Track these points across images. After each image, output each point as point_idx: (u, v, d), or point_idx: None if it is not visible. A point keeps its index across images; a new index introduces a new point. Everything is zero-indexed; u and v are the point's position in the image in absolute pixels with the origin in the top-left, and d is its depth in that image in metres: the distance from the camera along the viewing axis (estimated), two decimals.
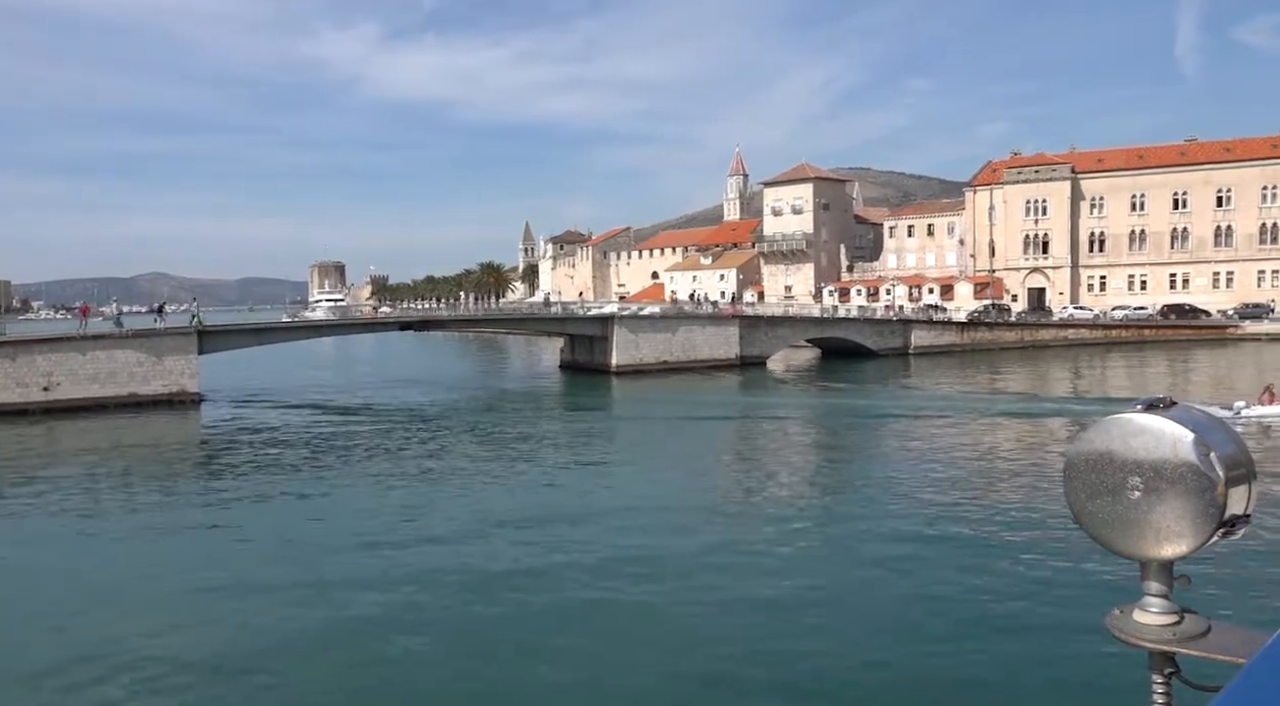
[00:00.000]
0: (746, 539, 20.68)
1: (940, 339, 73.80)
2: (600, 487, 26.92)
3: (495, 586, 17.35)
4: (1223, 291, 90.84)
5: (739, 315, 67.18)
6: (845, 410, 44.37)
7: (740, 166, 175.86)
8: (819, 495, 25.76)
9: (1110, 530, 1.38)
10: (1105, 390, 51.71)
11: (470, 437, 37.33)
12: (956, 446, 32.73)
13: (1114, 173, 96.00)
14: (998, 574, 16.99)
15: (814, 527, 21.81)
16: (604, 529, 21.67)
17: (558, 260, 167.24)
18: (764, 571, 18.08)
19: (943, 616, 14.85)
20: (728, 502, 24.75)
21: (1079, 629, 12.93)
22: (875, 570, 18.01)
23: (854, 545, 20.19)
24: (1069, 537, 17.90)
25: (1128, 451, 1.33)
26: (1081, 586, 15.30)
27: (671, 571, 18.18)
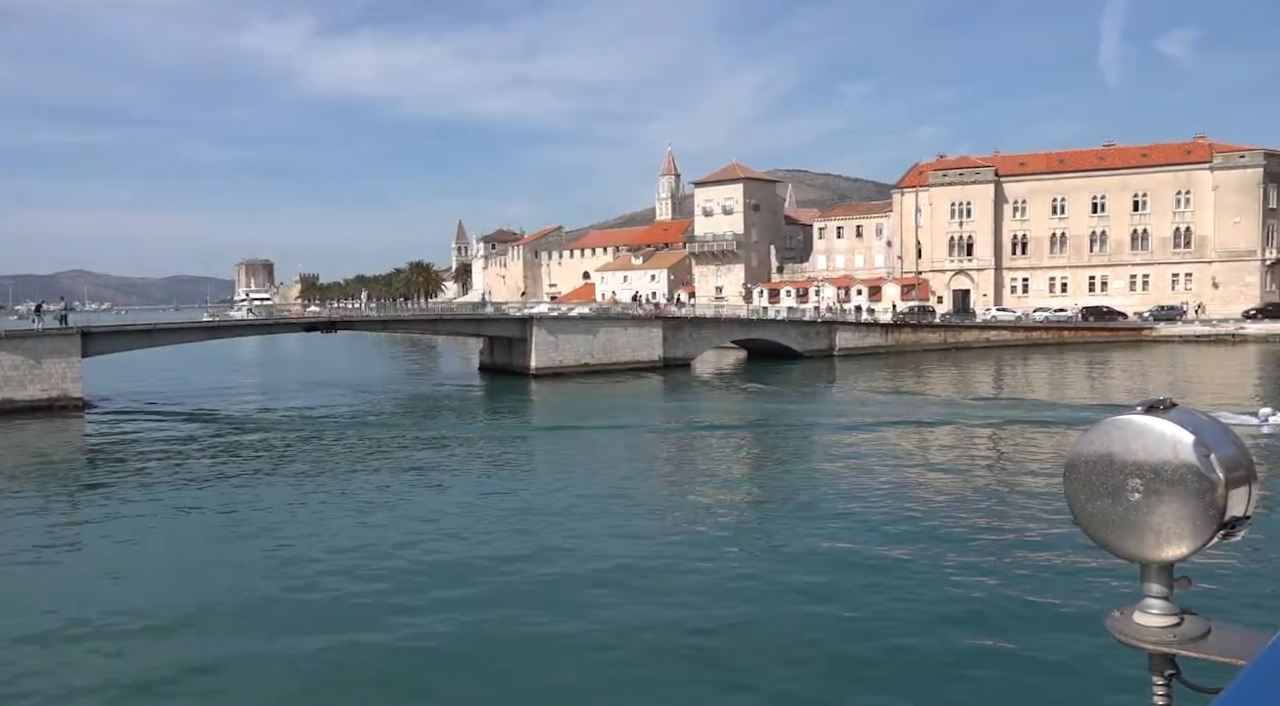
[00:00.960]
0: (675, 554, 19.36)
1: (865, 341, 73.69)
2: (492, 502, 25.14)
3: (370, 624, 15.60)
4: (1139, 294, 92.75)
5: (662, 316, 66.02)
6: (768, 415, 43.31)
7: (672, 166, 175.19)
8: (748, 508, 24.28)
9: (1110, 532, 1.38)
10: (1025, 393, 51.71)
11: (363, 448, 35.20)
12: (887, 452, 31.80)
13: (1035, 176, 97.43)
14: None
15: (757, 539, 20.66)
16: (494, 554, 20.04)
17: (489, 260, 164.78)
18: (701, 591, 16.96)
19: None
20: (649, 519, 22.96)
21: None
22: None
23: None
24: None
25: (1128, 453, 1.33)
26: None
27: (579, 603, 16.55)
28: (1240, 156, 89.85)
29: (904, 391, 53.55)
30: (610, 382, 59.10)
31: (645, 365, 64.40)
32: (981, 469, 28.66)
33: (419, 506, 24.55)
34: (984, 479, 26.75)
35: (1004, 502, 23.51)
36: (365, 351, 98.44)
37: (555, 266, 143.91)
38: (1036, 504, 22.60)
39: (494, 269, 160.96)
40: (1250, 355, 69.56)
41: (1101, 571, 15.12)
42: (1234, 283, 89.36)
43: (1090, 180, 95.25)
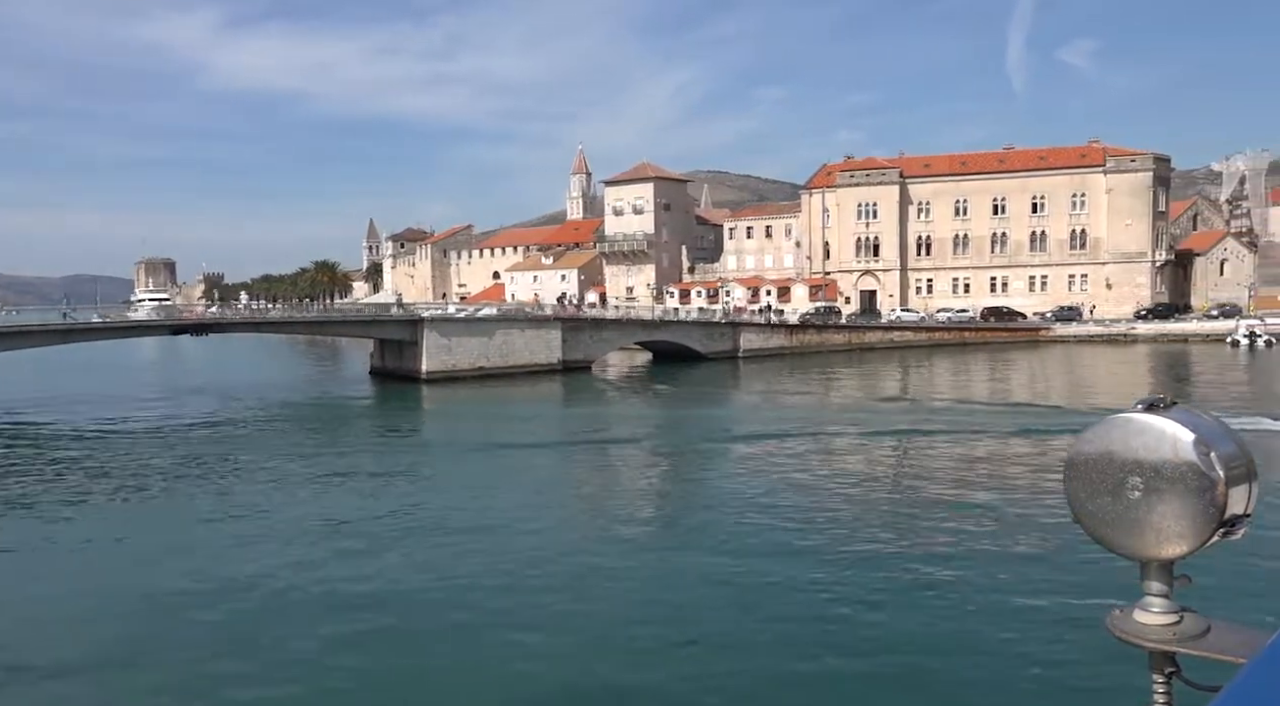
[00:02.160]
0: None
1: (770, 342, 72.96)
2: (354, 528, 22.53)
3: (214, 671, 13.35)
4: (1038, 294, 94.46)
5: (561, 318, 64.04)
6: (668, 422, 41.59)
7: (583, 165, 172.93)
8: (655, 526, 22.29)
9: (1110, 530, 1.38)
10: (927, 394, 51.35)
11: (208, 464, 32.16)
12: (797, 460, 30.23)
13: (939, 178, 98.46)
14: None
15: (661, 547, 18.79)
16: (341, 586, 17.78)
17: (398, 259, 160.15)
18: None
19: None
20: (536, 542, 20.66)
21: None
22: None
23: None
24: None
25: (1128, 451, 1.33)
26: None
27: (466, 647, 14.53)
28: (1131, 161, 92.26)
29: (809, 393, 52.70)
30: (506, 387, 56.87)
31: (544, 368, 62.36)
32: (915, 479, 27.49)
33: (263, 532, 22.00)
34: (916, 489, 25.55)
35: (963, 508, 22.53)
36: (263, 354, 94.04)
37: (465, 266, 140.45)
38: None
39: (403, 268, 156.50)
40: (1141, 354, 71.12)
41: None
42: (1126, 283, 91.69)
43: (991, 182, 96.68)
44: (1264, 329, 70.58)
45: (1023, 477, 26.42)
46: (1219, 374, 58.21)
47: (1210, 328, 77.04)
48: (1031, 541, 18.87)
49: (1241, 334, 70.59)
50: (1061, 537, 17.99)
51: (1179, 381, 56.27)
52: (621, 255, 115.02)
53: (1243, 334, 70.44)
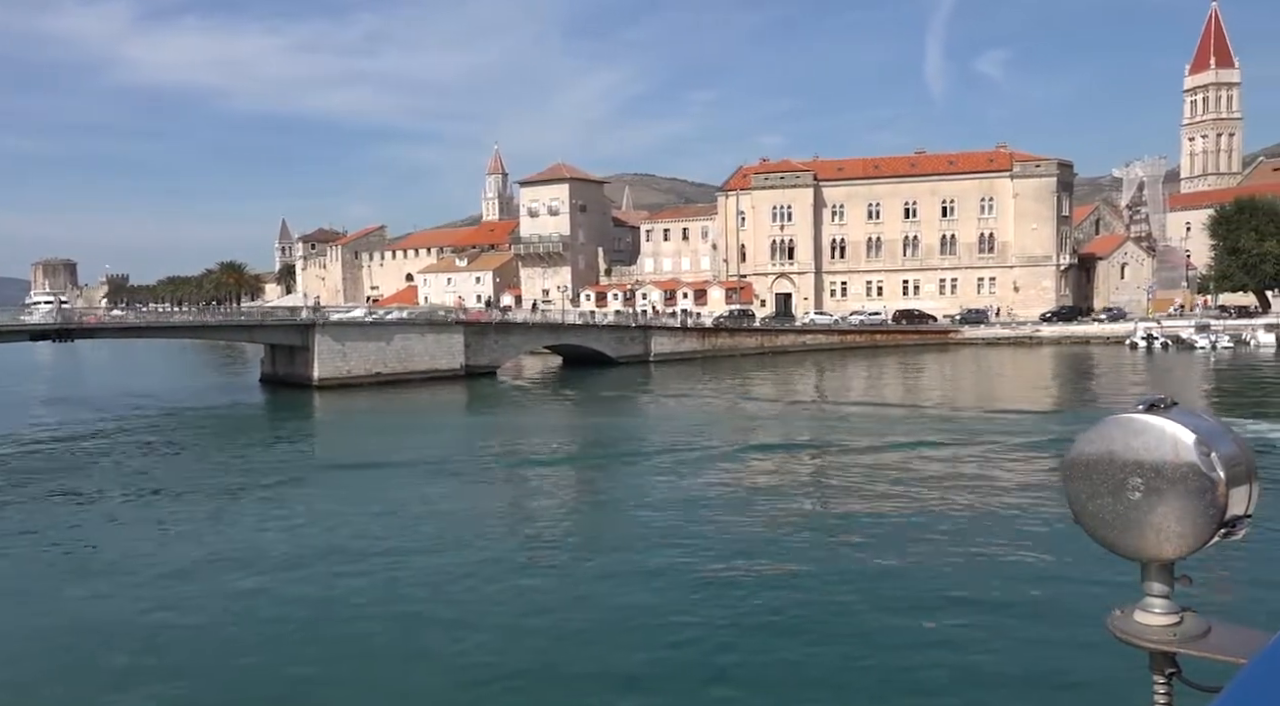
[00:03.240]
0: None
1: (681, 345, 71.87)
2: (222, 561, 20.06)
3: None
4: (948, 297, 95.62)
5: (464, 322, 61.80)
6: (574, 431, 39.75)
7: (499, 165, 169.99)
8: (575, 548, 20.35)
9: (1111, 530, 1.38)
10: (842, 399, 50.65)
11: (48, 488, 29.30)
12: (717, 467, 28.75)
13: (852, 181, 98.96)
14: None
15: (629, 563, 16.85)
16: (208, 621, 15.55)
17: (309, 261, 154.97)
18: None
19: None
20: (428, 568, 18.37)
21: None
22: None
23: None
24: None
25: (1129, 452, 1.33)
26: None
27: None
28: (1036, 166, 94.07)
29: (722, 398, 51.34)
30: (405, 395, 54.40)
31: (446, 374, 60.06)
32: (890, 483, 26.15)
33: (97, 570, 19.48)
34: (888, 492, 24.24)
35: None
36: (165, 360, 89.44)
37: (377, 268, 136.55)
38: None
39: (314, 270, 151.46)
40: (1045, 356, 72.16)
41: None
42: (1033, 286, 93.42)
43: (902, 186, 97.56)
44: (1160, 331, 72.27)
45: (959, 481, 25.60)
46: (1118, 375, 59.12)
47: (1110, 330, 78.74)
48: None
49: (1140, 336, 72.17)
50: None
51: (1082, 383, 56.92)
52: (537, 257, 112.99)
53: (1141, 336, 72.02)
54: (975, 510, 22.06)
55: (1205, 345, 68.25)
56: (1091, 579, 14.62)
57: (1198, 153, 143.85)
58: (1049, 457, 29.12)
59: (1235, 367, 60.04)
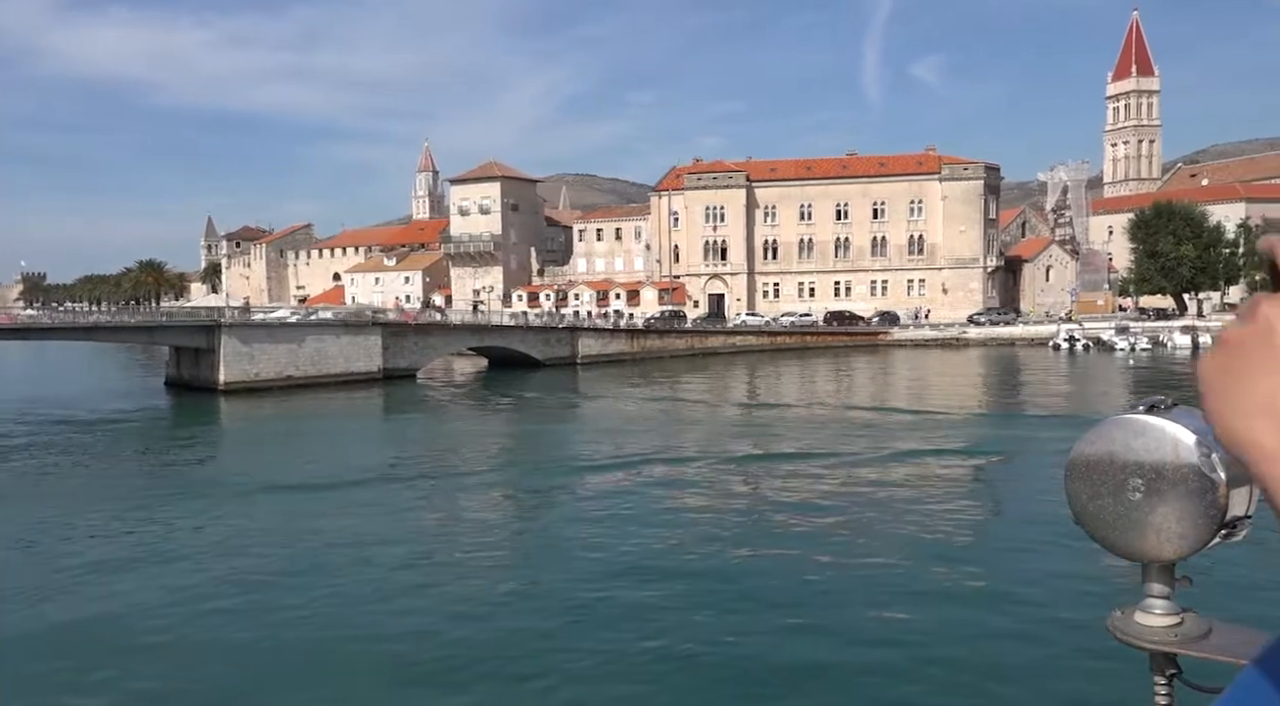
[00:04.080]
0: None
1: (609, 347, 70.66)
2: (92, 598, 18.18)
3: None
4: (879, 299, 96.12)
5: (382, 323, 59.75)
6: (495, 440, 37.84)
7: (430, 163, 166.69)
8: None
9: (1111, 531, 1.39)
10: (768, 401, 49.96)
11: None
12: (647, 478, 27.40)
13: (785, 183, 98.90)
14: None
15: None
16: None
17: (233, 259, 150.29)
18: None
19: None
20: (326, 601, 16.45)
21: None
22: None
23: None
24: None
25: (1129, 453, 1.34)
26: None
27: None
28: (964, 169, 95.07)
29: (651, 402, 50.12)
30: (318, 400, 52.19)
31: (362, 377, 57.94)
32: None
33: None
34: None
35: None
36: (82, 362, 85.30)
37: (303, 267, 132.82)
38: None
39: (238, 269, 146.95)
40: (972, 357, 72.67)
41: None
42: (961, 288, 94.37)
43: (834, 187, 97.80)
44: (1082, 333, 73.32)
45: (912, 485, 24.86)
46: (1042, 376, 59.66)
47: (1034, 332, 79.76)
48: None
49: (1062, 338, 73.12)
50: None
51: (1008, 384, 57.24)
52: (467, 257, 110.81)
53: (1063, 338, 72.97)
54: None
55: (1125, 347, 69.38)
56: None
57: (1120, 158, 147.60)
58: (1004, 460, 28.92)
59: (1152, 369, 61.03)
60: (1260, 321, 0.70)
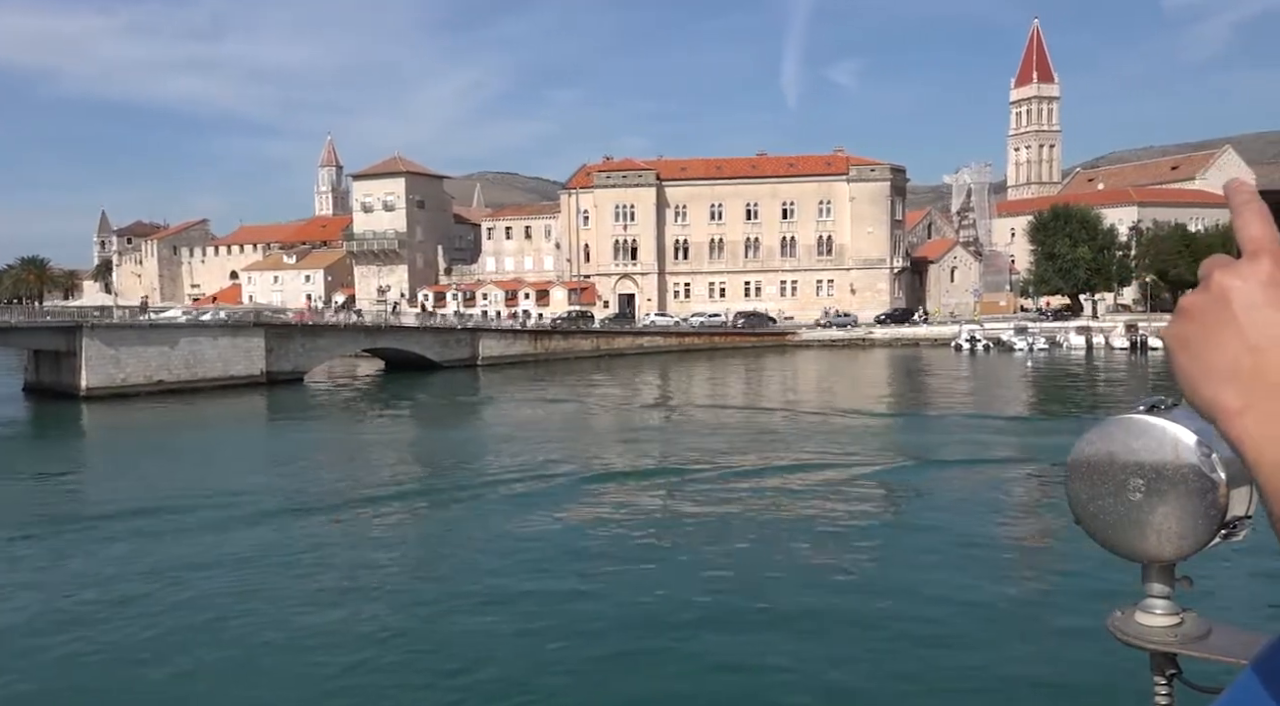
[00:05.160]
0: None
1: (512, 348, 68.59)
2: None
3: None
4: (789, 299, 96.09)
5: (265, 323, 56.59)
6: (384, 452, 34.90)
7: (333, 157, 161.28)
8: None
9: (1111, 531, 1.39)
10: (677, 402, 48.55)
11: None
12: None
13: (695, 182, 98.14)
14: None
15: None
16: None
17: (124, 256, 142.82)
18: None
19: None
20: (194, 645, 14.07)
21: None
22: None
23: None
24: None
25: (1129, 453, 1.34)
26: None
27: None
28: (871, 170, 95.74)
29: (552, 403, 48.40)
30: (192, 406, 48.90)
31: (243, 381, 54.68)
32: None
33: None
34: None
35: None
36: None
37: (198, 265, 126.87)
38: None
39: (129, 267, 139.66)
40: (878, 358, 72.90)
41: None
42: (869, 289, 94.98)
43: (744, 187, 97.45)
44: (983, 334, 74.24)
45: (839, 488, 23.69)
46: (943, 376, 59.91)
47: (938, 332, 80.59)
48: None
49: (964, 339, 73.90)
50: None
51: (913, 384, 57.23)
52: (371, 255, 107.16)
53: (965, 339, 73.75)
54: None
55: (1023, 347, 70.43)
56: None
57: (1022, 162, 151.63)
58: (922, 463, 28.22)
59: (1049, 368, 61.93)
60: (1214, 289, 0.73)
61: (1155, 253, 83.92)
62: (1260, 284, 0.70)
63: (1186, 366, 0.76)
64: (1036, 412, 43.20)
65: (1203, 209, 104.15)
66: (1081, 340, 71.55)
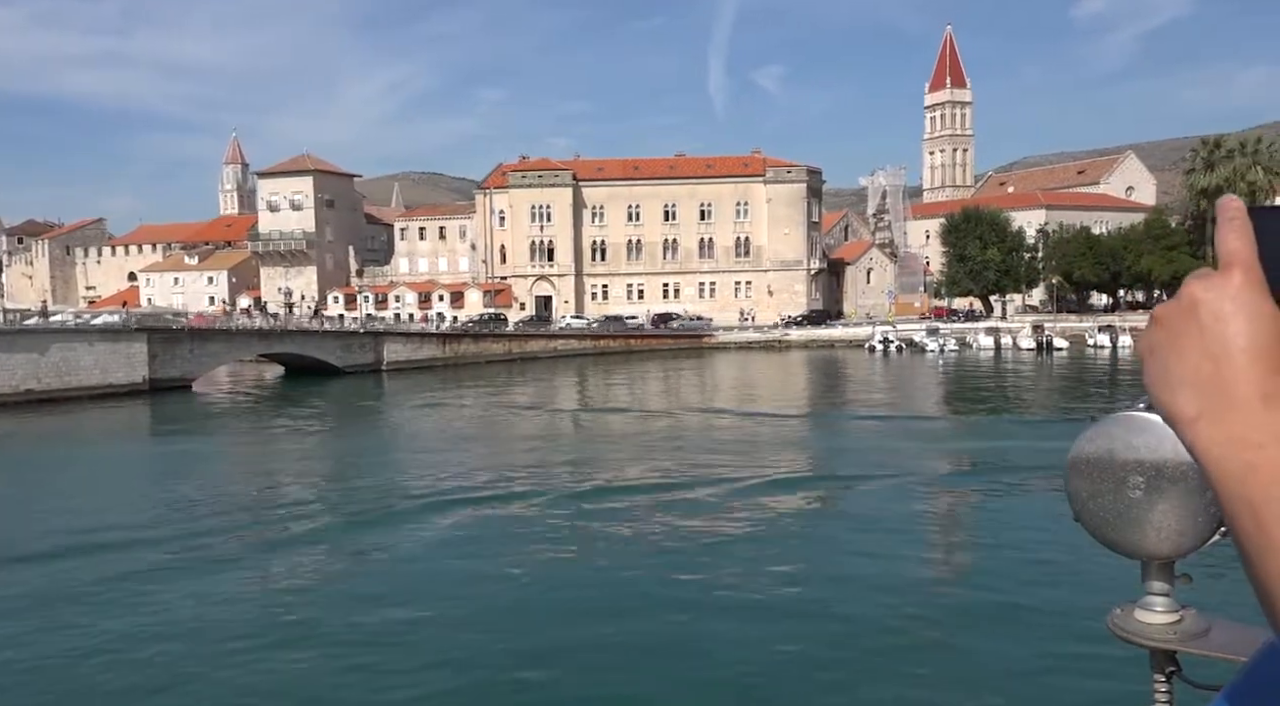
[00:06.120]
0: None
1: (419, 353, 66.25)
2: None
3: None
4: (708, 301, 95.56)
5: (148, 328, 53.32)
6: (269, 464, 32.43)
7: (238, 155, 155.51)
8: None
9: (1111, 529, 1.38)
10: (593, 407, 46.93)
11: None
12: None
13: (612, 182, 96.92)
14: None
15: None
16: None
17: (14, 256, 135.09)
18: None
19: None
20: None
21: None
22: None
23: None
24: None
25: (1129, 450, 1.34)
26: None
27: None
28: (788, 172, 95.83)
29: (457, 411, 46.28)
30: (64, 418, 45.54)
31: (123, 389, 51.39)
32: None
33: None
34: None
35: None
36: None
37: (94, 265, 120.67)
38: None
39: (19, 267, 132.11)
40: (793, 359, 72.61)
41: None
42: (786, 290, 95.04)
43: (661, 188, 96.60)
44: (896, 335, 74.61)
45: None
46: (856, 378, 59.75)
47: (852, 333, 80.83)
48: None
49: (877, 340, 74.15)
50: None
51: (828, 386, 56.84)
52: (278, 256, 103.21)
53: (878, 340, 74.01)
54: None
55: (934, 348, 70.92)
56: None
57: (937, 166, 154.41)
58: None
59: (958, 369, 62.33)
60: (1184, 300, 0.75)
61: (1061, 255, 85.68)
62: (1228, 296, 0.72)
63: (1152, 372, 0.78)
64: (941, 413, 43.05)
65: (1106, 212, 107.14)
66: (990, 341, 72.40)
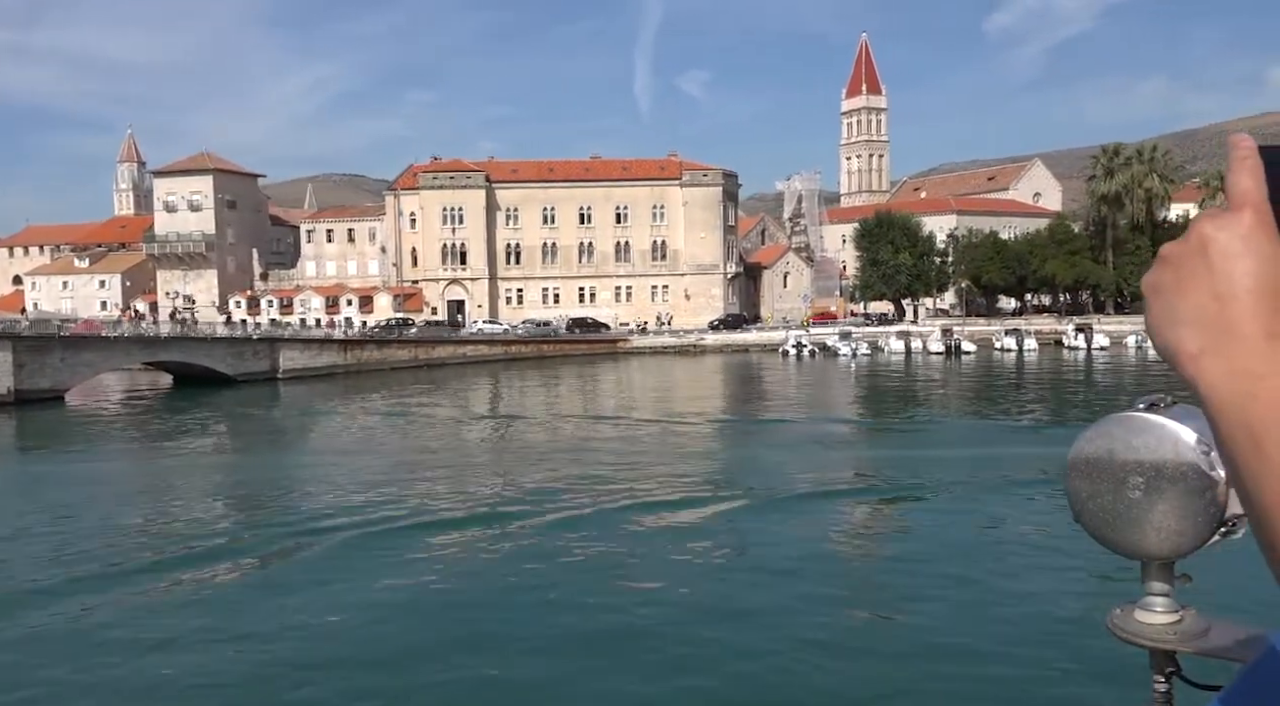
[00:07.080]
0: None
1: (318, 360, 63.37)
2: None
3: None
4: (624, 305, 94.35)
5: (12, 334, 49.61)
6: (141, 485, 29.28)
7: (134, 153, 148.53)
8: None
9: (1111, 529, 1.39)
10: (503, 413, 44.95)
11: None
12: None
13: (527, 185, 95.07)
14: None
15: None
16: None
17: None
18: None
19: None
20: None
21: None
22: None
23: None
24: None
25: (1129, 451, 1.34)
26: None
27: None
28: (704, 175, 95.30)
29: (356, 421, 43.86)
30: None
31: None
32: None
33: None
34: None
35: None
36: None
37: None
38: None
39: None
40: (710, 364, 71.78)
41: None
42: (703, 294, 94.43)
43: (577, 191, 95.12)
44: (809, 340, 74.45)
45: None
46: (771, 381, 59.21)
47: (768, 338, 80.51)
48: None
49: (791, 345, 73.85)
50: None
51: (744, 391, 56.03)
52: (175, 258, 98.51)
53: (791, 345, 73.70)
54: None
55: (847, 352, 70.88)
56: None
57: (854, 171, 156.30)
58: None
59: (870, 373, 62.27)
60: (1194, 239, 0.73)
61: (970, 259, 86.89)
62: (1238, 235, 0.71)
63: (1156, 312, 0.76)
64: (862, 416, 42.47)
65: (1014, 217, 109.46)
66: (901, 345, 72.71)
